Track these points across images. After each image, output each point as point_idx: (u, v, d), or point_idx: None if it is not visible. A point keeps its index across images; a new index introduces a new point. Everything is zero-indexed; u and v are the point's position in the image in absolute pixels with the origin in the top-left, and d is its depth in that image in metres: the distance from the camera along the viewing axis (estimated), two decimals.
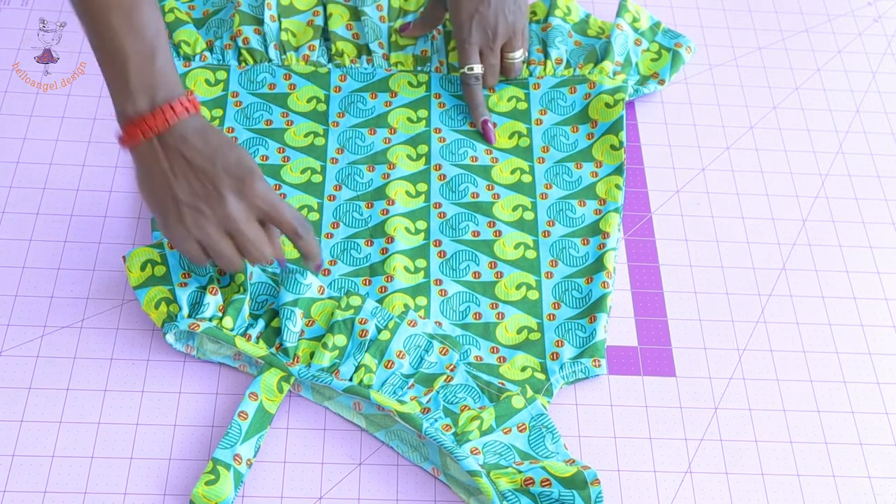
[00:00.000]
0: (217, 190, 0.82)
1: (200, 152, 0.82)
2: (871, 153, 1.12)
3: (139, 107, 0.82)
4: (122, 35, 0.81)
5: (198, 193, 0.82)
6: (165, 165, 0.82)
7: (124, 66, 0.81)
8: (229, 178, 0.82)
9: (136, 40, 0.81)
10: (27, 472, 0.84)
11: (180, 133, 0.82)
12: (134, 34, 0.81)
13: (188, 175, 0.82)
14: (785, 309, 0.99)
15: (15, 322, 0.92)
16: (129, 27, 0.81)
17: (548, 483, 0.82)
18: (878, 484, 0.88)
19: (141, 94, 0.82)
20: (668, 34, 1.16)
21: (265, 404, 0.87)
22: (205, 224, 0.83)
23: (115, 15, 0.81)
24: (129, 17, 0.81)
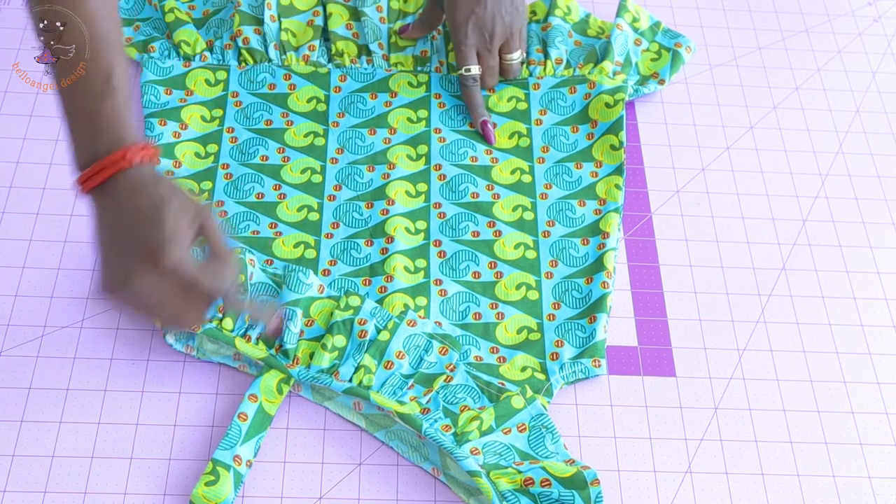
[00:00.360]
0: (130, 261, 0.77)
1: (135, 210, 0.78)
2: (871, 153, 1.12)
3: (85, 157, 0.79)
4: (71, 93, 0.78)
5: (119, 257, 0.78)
6: (101, 217, 0.79)
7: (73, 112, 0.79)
8: (143, 251, 0.77)
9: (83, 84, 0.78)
10: (27, 472, 0.84)
11: (120, 186, 0.78)
12: (83, 83, 0.78)
13: (121, 236, 0.78)
14: (785, 309, 0.99)
15: (15, 322, 0.92)
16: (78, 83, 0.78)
17: (547, 483, 0.82)
18: (878, 484, 0.88)
19: (86, 146, 0.78)
20: (668, 34, 1.16)
21: (265, 406, 0.87)
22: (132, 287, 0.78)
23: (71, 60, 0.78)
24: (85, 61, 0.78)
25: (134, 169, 0.78)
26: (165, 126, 1.06)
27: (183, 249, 0.78)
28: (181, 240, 0.78)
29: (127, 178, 0.78)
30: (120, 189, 0.78)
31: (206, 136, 1.06)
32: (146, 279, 0.77)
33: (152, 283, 0.78)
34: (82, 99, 0.78)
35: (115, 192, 0.78)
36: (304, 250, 0.98)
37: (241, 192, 1.02)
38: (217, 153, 1.05)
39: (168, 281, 0.78)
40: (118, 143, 0.78)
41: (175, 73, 1.10)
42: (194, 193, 0.87)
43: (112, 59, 0.79)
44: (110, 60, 0.79)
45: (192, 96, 1.09)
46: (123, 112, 0.79)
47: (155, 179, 0.79)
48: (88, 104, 0.78)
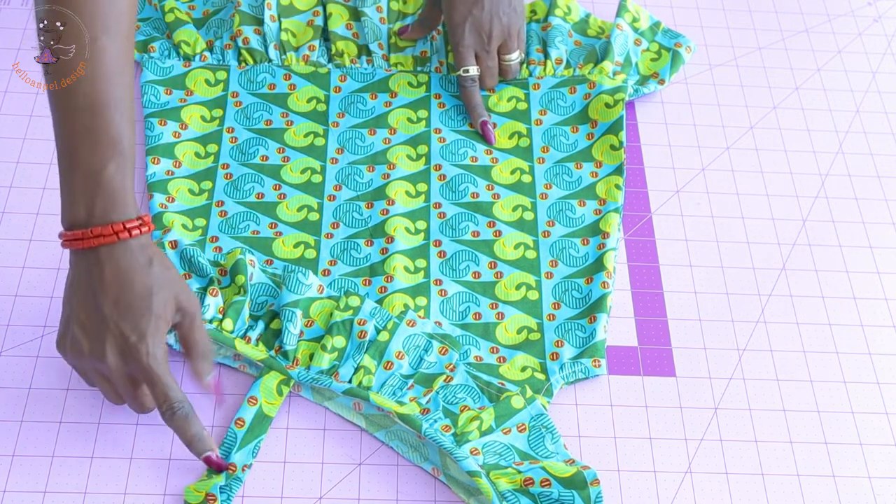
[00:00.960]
0: (101, 339, 0.77)
1: (108, 293, 0.77)
2: (871, 153, 1.12)
3: (76, 218, 0.77)
4: (77, 139, 0.76)
5: (86, 329, 0.78)
6: (78, 279, 0.78)
7: (73, 170, 0.77)
8: (118, 335, 0.77)
9: (90, 148, 0.76)
10: (27, 472, 0.84)
11: (101, 259, 0.77)
12: (90, 141, 0.76)
13: (87, 308, 0.77)
14: (785, 309, 0.99)
15: (15, 322, 0.92)
16: (86, 132, 0.76)
17: (547, 483, 0.82)
18: (878, 484, 0.88)
19: (80, 206, 0.77)
20: (667, 34, 1.16)
21: (264, 408, 0.87)
22: (81, 359, 0.79)
23: (75, 116, 0.76)
24: (91, 121, 0.76)
25: (126, 241, 0.77)
26: (165, 126, 1.06)
27: (160, 347, 0.78)
28: (160, 335, 0.77)
29: (116, 251, 0.77)
30: (107, 260, 0.77)
31: (206, 136, 1.06)
32: (111, 360, 0.77)
33: (115, 366, 0.77)
34: (89, 156, 0.76)
35: (102, 260, 0.77)
36: (304, 250, 0.98)
37: (241, 192, 1.02)
38: (217, 153, 1.05)
39: (128, 371, 0.78)
40: (116, 214, 0.77)
41: (175, 73, 1.10)
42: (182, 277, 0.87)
43: (122, 122, 0.77)
44: (120, 123, 0.77)
45: (192, 96, 1.09)
46: (126, 181, 0.78)
47: (145, 259, 0.77)
48: (93, 163, 0.76)
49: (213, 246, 0.98)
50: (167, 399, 0.79)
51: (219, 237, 0.99)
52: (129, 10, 0.79)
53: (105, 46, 0.77)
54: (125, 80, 0.78)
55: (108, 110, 0.76)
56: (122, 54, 0.78)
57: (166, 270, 0.79)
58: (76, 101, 0.76)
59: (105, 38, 0.77)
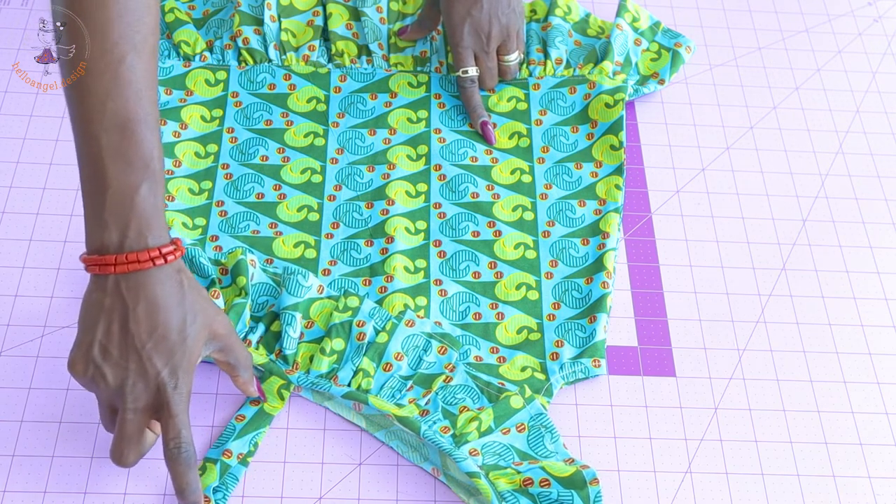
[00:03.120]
0: (127, 370, 0.74)
1: (145, 323, 0.74)
2: (871, 153, 1.12)
3: (107, 241, 0.73)
4: (107, 159, 0.73)
5: (112, 357, 0.74)
6: (106, 304, 0.74)
7: (103, 192, 0.73)
8: (148, 368, 0.74)
9: (122, 168, 0.73)
10: (27, 472, 0.84)
11: (136, 285, 0.74)
12: (122, 161, 0.73)
13: (115, 336, 0.74)
14: (785, 309, 0.99)
15: (15, 322, 0.92)
16: (116, 152, 0.73)
17: (547, 483, 0.82)
18: (878, 484, 0.88)
19: (112, 228, 0.73)
20: (667, 34, 1.16)
21: (266, 408, 0.87)
22: (99, 386, 0.76)
23: (106, 135, 0.73)
24: (121, 140, 0.73)
25: (161, 268, 0.74)
26: (165, 126, 1.06)
27: (188, 383, 0.76)
28: (191, 370, 0.76)
29: (151, 277, 0.74)
30: (142, 287, 0.74)
31: (206, 136, 1.06)
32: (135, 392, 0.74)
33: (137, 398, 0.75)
34: (120, 177, 0.73)
35: (136, 287, 0.74)
36: (304, 250, 0.98)
37: (241, 192, 1.02)
38: (217, 153, 1.05)
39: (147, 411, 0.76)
40: (152, 239, 0.74)
41: (175, 73, 1.10)
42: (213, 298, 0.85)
43: (153, 140, 0.74)
44: (152, 141, 0.74)
45: (192, 96, 1.09)
46: (159, 202, 0.74)
47: (179, 286, 0.75)
48: (125, 184, 0.73)
49: (213, 245, 0.98)
50: (178, 436, 0.76)
51: (219, 236, 0.99)
52: (155, 27, 0.77)
53: (134, 65, 0.74)
54: (153, 97, 0.76)
55: (139, 129, 0.73)
56: (149, 72, 0.76)
57: (199, 296, 0.77)
58: (105, 121, 0.73)
59: (133, 56, 0.74)
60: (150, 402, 0.76)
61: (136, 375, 0.75)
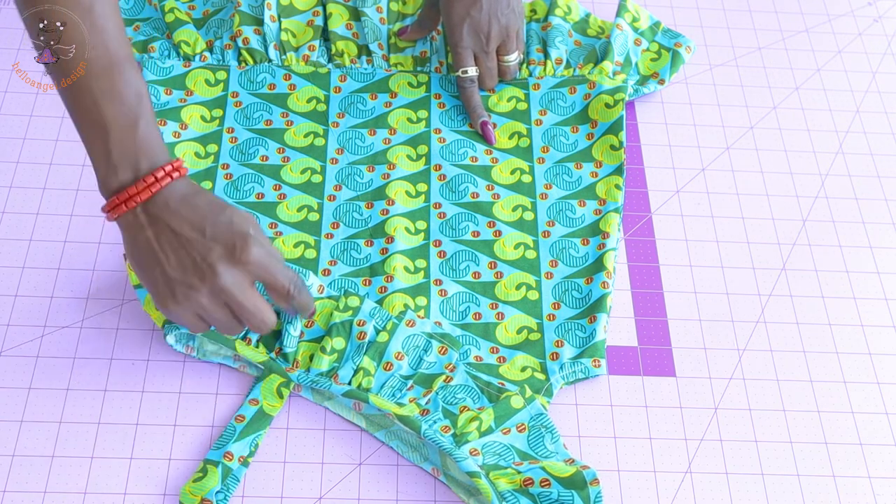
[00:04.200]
0: (206, 261, 0.78)
1: (188, 221, 0.78)
2: (871, 153, 1.12)
3: (122, 178, 0.78)
4: (102, 103, 0.77)
5: (187, 267, 0.78)
6: (151, 237, 0.79)
7: (105, 136, 0.78)
8: (219, 247, 0.78)
9: (118, 108, 0.77)
10: (27, 472, 0.84)
11: (165, 201, 0.78)
12: (115, 101, 0.77)
13: (176, 247, 0.78)
14: (785, 309, 0.99)
15: (15, 322, 0.92)
16: (109, 94, 0.77)
17: (547, 483, 0.82)
18: (878, 484, 0.88)
19: (124, 165, 0.78)
20: (667, 34, 1.16)
21: (265, 409, 0.87)
22: (198, 298, 0.79)
23: (95, 81, 0.77)
24: (111, 83, 0.77)
25: (184, 179, 0.79)
26: (165, 126, 1.06)
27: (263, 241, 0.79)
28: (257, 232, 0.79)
29: (177, 189, 0.79)
30: (173, 198, 0.78)
31: (206, 136, 1.06)
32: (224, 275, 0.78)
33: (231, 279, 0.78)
34: (118, 117, 0.77)
35: (168, 203, 0.78)
36: (304, 250, 0.98)
37: (241, 193, 1.02)
38: (217, 153, 1.05)
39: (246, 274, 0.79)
40: (159, 160, 0.79)
41: (175, 73, 1.10)
42: None
43: (137, 76, 0.79)
44: (137, 78, 0.79)
45: (192, 96, 1.09)
46: (156, 130, 0.80)
47: (198, 189, 0.80)
48: (124, 123, 0.78)
49: None
50: (294, 279, 0.81)
51: None
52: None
53: (103, 10, 0.78)
54: (124, 36, 0.80)
55: (123, 69, 0.78)
56: (116, 13, 0.80)
57: (218, 198, 0.81)
58: (90, 68, 0.77)
59: (106, 7, 0.78)
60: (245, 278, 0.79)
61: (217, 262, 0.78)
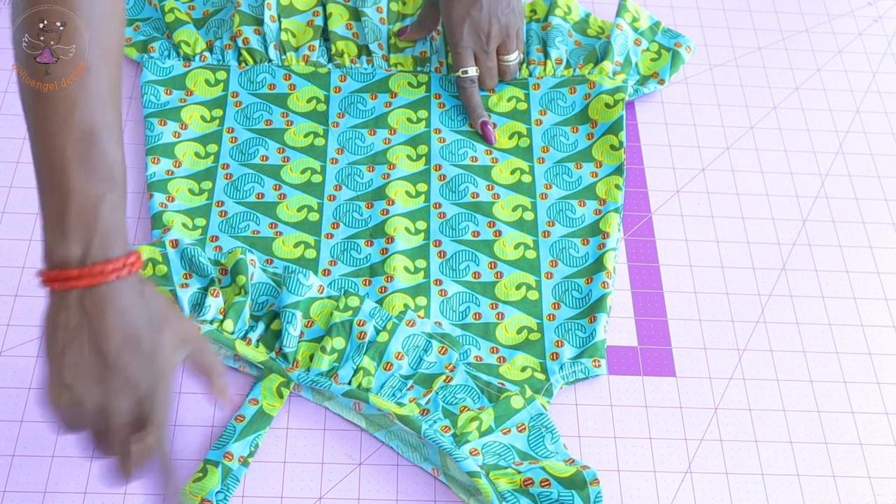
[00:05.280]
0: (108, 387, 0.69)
1: (111, 336, 0.69)
2: (871, 153, 1.12)
3: (69, 254, 0.69)
4: (71, 169, 0.69)
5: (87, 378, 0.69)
6: (75, 325, 0.69)
7: (65, 203, 0.69)
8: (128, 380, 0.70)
9: (87, 179, 0.69)
10: (27, 472, 0.84)
11: (101, 297, 0.69)
12: (86, 171, 0.69)
13: (86, 354, 0.69)
14: (785, 309, 0.99)
15: (15, 322, 0.92)
16: (81, 162, 0.69)
17: (547, 483, 0.82)
18: (878, 484, 0.88)
19: (75, 241, 0.69)
20: (667, 34, 1.16)
21: (265, 409, 0.87)
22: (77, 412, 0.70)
23: (70, 145, 0.69)
24: (86, 150, 0.70)
25: (125, 279, 0.70)
26: (165, 126, 1.06)
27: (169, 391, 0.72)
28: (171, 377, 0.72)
29: (117, 289, 0.70)
30: (108, 299, 0.70)
31: (206, 136, 1.06)
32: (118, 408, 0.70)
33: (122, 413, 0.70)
34: (84, 188, 0.69)
35: (101, 300, 0.70)
36: (304, 250, 0.98)
37: (241, 193, 1.02)
38: (217, 153, 1.05)
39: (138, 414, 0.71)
40: (116, 250, 0.70)
41: (175, 73, 1.10)
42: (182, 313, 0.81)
43: (117, 151, 0.72)
44: (115, 153, 0.71)
45: (192, 96, 1.09)
46: (122, 214, 0.72)
47: (144, 295, 0.72)
48: (89, 196, 0.70)
49: (213, 245, 0.98)
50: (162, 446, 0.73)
51: (219, 237, 0.99)
52: (121, 36, 0.75)
53: (101, 73, 0.72)
54: (118, 109, 0.73)
55: (104, 140, 0.71)
56: (115, 83, 0.74)
57: (164, 303, 0.74)
58: (70, 130, 0.70)
59: (100, 64, 0.72)
60: (134, 416, 0.72)
61: (116, 391, 0.70)
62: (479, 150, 1.07)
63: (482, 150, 1.07)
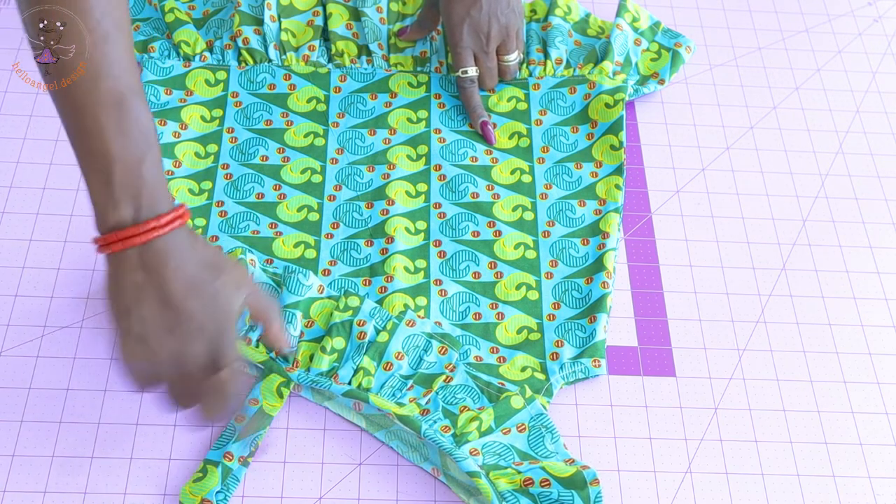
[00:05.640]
0: (181, 333, 0.74)
1: (174, 285, 0.73)
2: (871, 153, 1.12)
3: (122, 215, 0.73)
4: (109, 135, 0.73)
5: (158, 330, 0.74)
6: (140, 282, 0.74)
7: (109, 169, 0.73)
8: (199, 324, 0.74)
9: (125, 142, 0.73)
10: (27, 472, 0.84)
11: (159, 250, 0.73)
12: (123, 135, 0.73)
13: (154, 307, 0.73)
14: (785, 309, 0.99)
15: (15, 322, 0.92)
16: (118, 128, 0.73)
17: (547, 483, 0.82)
18: (878, 484, 0.88)
19: (125, 202, 0.73)
20: (667, 34, 1.16)
21: (265, 409, 0.87)
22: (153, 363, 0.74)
23: (104, 112, 0.73)
24: (119, 115, 0.73)
25: (177, 231, 0.74)
26: (165, 126, 1.06)
27: (235, 330, 0.75)
28: (236, 316, 0.75)
29: (171, 241, 0.74)
30: (165, 251, 0.74)
31: (206, 136, 1.06)
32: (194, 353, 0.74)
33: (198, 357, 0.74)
34: (124, 152, 0.73)
35: (160, 253, 0.73)
36: (304, 250, 0.98)
37: (241, 193, 1.02)
38: (217, 153, 1.05)
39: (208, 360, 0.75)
40: (163, 205, 0.74)
41: (175, 73, 1.10)
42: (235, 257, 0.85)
43: (147, 113, 0.75)
44: (147, 114, 0.75)
45: (192, 96, 1.09)
46: (161, 172, 0.75)
47: (197, 243, 0.75)
48: (130, 159, 0.73)
49: None
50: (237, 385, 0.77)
51: (219, 237, 0.99)
52: (129, 12, 0.79)
53: (119, 41, 0.75)
54: (137, 71, 0.77)
55: (134, 103, 0.75)
56: (131, 48, 0.77)
57: (216, 252, 0.77)
58: (101, 98, 0.74)
59: (116, 33, 0.75)
60: (208, 359, 0.75)
61: (187, 337, 0.74)
62: (479, 150, 1.07)
63: (482, 150, 1.07)
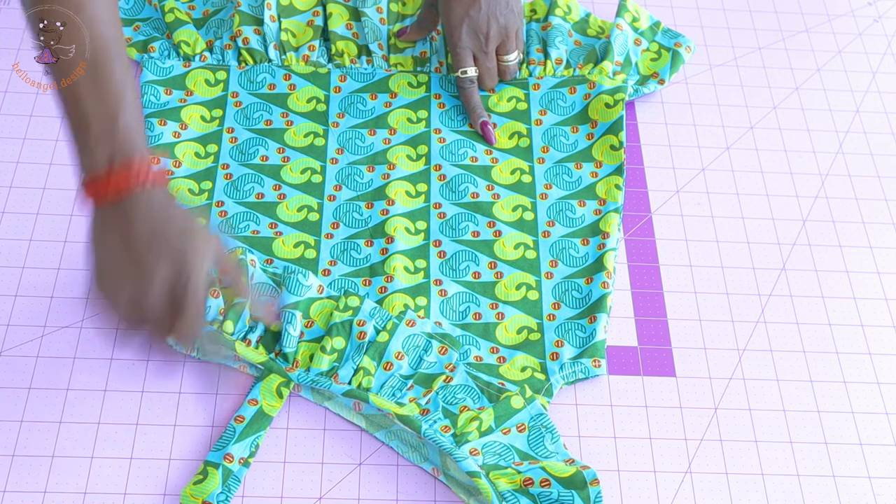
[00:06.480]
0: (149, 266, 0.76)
1: (139, 231, 0.76)
2: (871, 153, 1.12)
3: (97, 161, 0.77)
4: (85, 95, 0.77)
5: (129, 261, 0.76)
6: (107, 227, 0.77)
7: (86, 128, 0.77)
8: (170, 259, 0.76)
9: (98, 104, 0.77)
10: (27, 472, 0.84)
11: (133, 205, 0.76)
12: (97, 97, 0.77)
13: (128, 242, 0.76)
14: (785, 309, 0.99)
15: (15, 322, 0.92)
16: (93, 87, 0.77)
17: (547, 483, 0.82)
18: (878, 484, 0.88)
19: (98, 152, 0.77)
20: (667, 34, 1.16)
21: (265, 409, 0.87)
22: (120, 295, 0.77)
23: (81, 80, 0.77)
24: (94, 76, 0.77)
25: (151, 189, 0.77)
26: (165, 126, 1.06)
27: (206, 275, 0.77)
28: (208, 261, 0.77)
29: (142, 198, 0.76)
30: (139, 204, 0.76)
31: (206, 137, 1.06)
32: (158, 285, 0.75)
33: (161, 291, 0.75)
34: (98, 111, 0.77)
35: (134, 205, 0.76)
36: (304, 250, 0.98)
37: (241, 193, 1.02)
38: (217, 153, 1.05)
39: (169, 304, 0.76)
40: (135, 150, 0.77)
41: (175, 73, 1.10)
42: None
43: (125, 73, 0.79)
44: (123, 74, 0.78)
45: (192, 96, 1.09)
46: (140, 128, 0.79)
47: (169, 203, 0.78)
48: (104, 116, 0.77)
49: None
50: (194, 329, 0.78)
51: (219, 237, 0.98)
52: None
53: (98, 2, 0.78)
54: (119, 34, 0.80)
55: (108, 66, 0.77)
56: (113, 9, 0.80)
57: (191, 216, 0.79)
58: None
59: None
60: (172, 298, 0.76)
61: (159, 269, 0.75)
62: (479, 150, 1.07)
63: (482, 150, 1.07)
